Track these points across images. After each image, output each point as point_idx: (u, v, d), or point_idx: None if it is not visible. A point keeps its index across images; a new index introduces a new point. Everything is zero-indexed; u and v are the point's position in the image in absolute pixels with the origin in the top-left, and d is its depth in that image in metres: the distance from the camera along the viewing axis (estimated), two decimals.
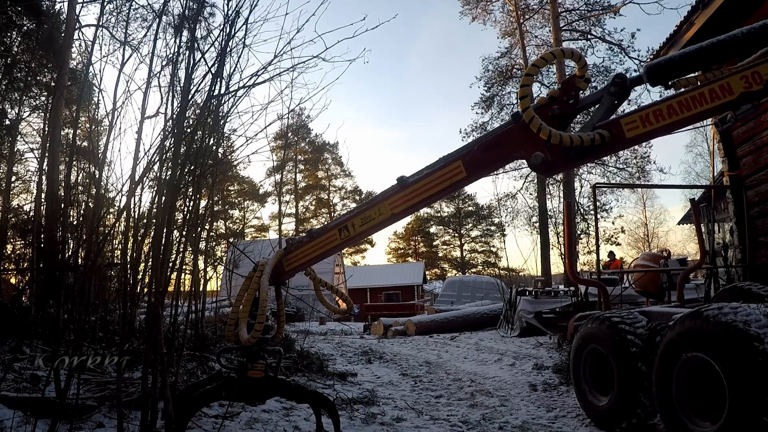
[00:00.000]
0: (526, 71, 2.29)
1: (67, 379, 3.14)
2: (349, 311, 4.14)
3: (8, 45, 9.21)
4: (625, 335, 3.96)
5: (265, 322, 2.56)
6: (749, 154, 7.14)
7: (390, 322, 16.15)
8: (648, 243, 42.51)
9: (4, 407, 3.36)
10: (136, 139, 3.55)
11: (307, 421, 4.31)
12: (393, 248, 60.01)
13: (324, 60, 3.85)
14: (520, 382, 6.54)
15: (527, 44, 25.63)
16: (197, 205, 3.99)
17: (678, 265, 8.30)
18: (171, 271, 3.65)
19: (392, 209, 2.50)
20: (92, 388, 3.99)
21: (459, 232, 57.27)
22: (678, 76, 2.09)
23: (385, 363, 8.79)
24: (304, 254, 2.76)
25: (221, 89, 3.73)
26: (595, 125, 2.11)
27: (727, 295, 5.26)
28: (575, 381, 4.57)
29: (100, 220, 4.03)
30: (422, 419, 4.77)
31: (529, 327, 11.75)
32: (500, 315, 14.01)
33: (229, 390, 2.64)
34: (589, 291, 9.39)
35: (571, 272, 6.10)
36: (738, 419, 2.79)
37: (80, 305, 3.89)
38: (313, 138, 48.77)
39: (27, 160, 12.94)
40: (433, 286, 42.84)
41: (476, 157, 2.33)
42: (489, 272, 45.45)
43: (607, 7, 23.67)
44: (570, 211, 7.01)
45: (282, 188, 47.50)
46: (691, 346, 3.16)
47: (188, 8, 3.78)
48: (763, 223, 6.93)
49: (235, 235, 41.58)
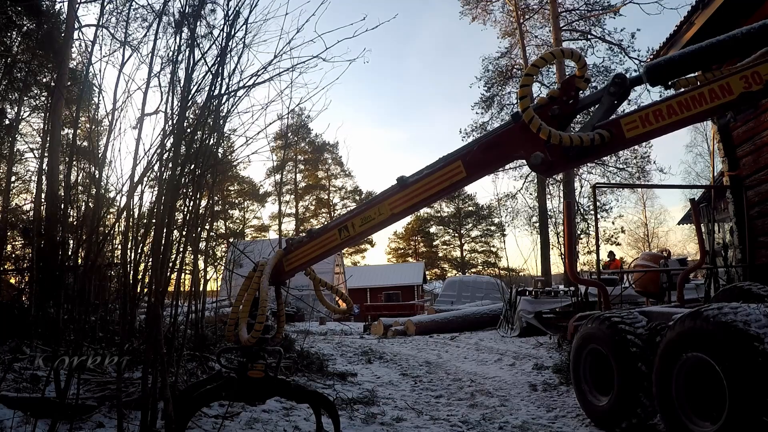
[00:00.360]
0: (526, 71, 2.29)
1: (67, 379, 3.14)
2: (349, 311, 4.14)
3: (8, 45, 9.21)
4: (625, 335, 3.96)
5: (265, 322, 2.56)
6: (749, 154, 7.14)
7: (390, 322, 16.15)
8: (648, 243, 42.51)
9: (4, 407, 3.36)
10: (136, 139, 3.55)
11: (307, 421, 4.31)
12: (393, 248, 60.05)
13: (324, 60, 3.85)
14: (520, 382, 6.54)
15: (527, 44, 25.65)
16: (197, 205, 3.99)
17: (678, 265, 8.29)
18: (171, 271, 3.65)
19: (392, 209, 2.50)
20: (92, 388, 3.99)
21: (459, 232, 57.28)
22: (678, 76, 2.09)
23: (385, 363, 8.79)
24: (304, 254, 2.76)
25: (221, 89, 3.74)
26: (595, 125, 2.11)
27: (727, 295, 5.26)
28: (575, 381, 4.57)
29: (100, 220, 4.03)
30: (422, 419, 4.77)
31: (529, 327, 11.75)
32: (500, 315, 14.01)
33: (229, 390, 2.64)
34: (589, 291, 9.39)
35: (571, 272, 6.10)
36: (738, 419, 2.79)
37: (80, 305, 3.89)
38: (313, 138, 48.85)
39: (27, 160, 12.92)
40: (433, 286, 42.83)
41: (476, 157, 2.33)
42: (489, 272, 45.44)
43: (607, 7, 23.69)
44: (570, 211, 7.01)
45: (282, 188, 47.50)
46: (691, 346, 3.16)
47: (189, 5, 3.78)
48: (763, 223, 6.93)
49: (235, 235, 41.58)
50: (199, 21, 3.90)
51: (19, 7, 8.88)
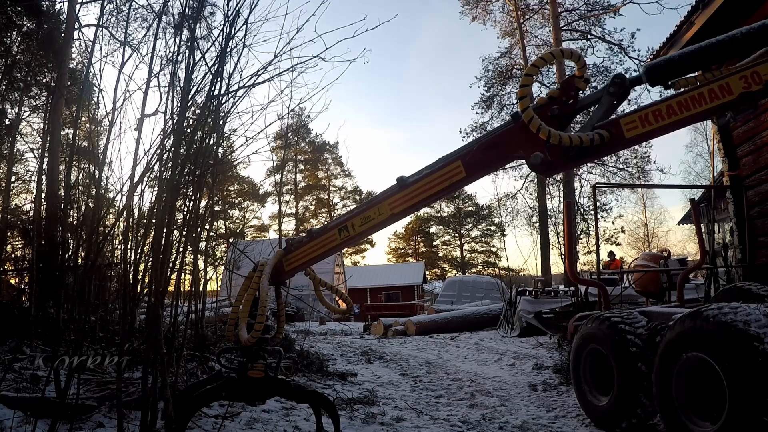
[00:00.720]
0: (526, 71, 2.29)
1: (67, 379, 3.14)
2: (349, 311, 4.14)
3: (8, 45, 9.21)
4: (625, 335, 3.96)
5: (265, 322, 2.56)
6: (749, 154, 7.14)
7: (390, 322, 16.15)
8: (648, 243, 42.50)
9: (4, 407, 3.36)
10: (136, 139, 3.55)
11: (307, 421, 4.31)
12: (393, 248, 60.05)
13: (324, 60, 3.85)
14: (520, 382, 6.54)
15: (527, 44, 25.65)
16: (197, 205, 3.99)
17: (678, 265, 8.29)
18: (171, 271, 3.65)
19: (392, 209, 2.50)
20: (92, 388, 3.99)
21: (459, 232, 57.27)
22: (677, 76, 2.09)
23: (385, 363, 8.79)
24: (304, 254, 2.76)
25: (221, 89, 3.74)
26: (595, 125, 2.11)
27: (727, 295, 5.26)
28: (575, 381, 4.57)
29: (100, 220, 4.03)
30: (422, 419, 4.77)
31: (529, 327, 11.75)
32: (500, 315, 14.01)
33: (229, 390, 2.64)
34: (589, 291, 9.39)
35: (571, 272, 6.10)
36: (738, 419, 2.79)
37: (80, 305, 3.89)
38: (313, 138, 48.84)
39: (27, 160, 12.94)
40: (433, 286, 42.83)
41: (476, 157, 2.33)
42: (489, 272, 45.44)
43: (607, 7, 23.68)
44: (570, 211, 7.01)
45: (282, 188, 47.52)
46: (691, 346, 3.16)
47: (188, 7, 3.78)
48: (763, 223, 6.93)
49: (235, 235, 41.58)
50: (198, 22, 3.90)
51: (19, 7, 8.88)
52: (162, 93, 3.73)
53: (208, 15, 4.19)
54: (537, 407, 5.15)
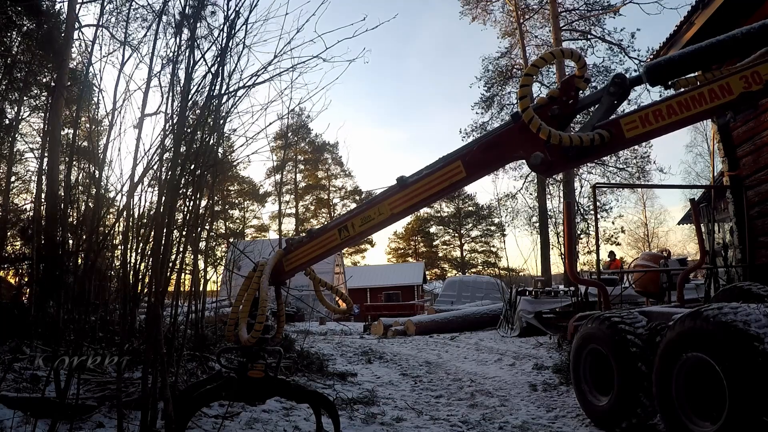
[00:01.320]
0: (526, 71, 2.29)
1: (67, 379, 3.14)
2: (349, 311, 4.14)
3: (8, 45, 9.21)
4: (625, 335, 3.96)
5: (265, 322, 2.56)
6: (749, 154, 7.14)
7: (390, 322, 16.15)
8: (648, 243, 42.50)
9: (4, 407, 3.36)
10: (136, 139, 3.55)
11: (307, 421, 4.31)
12: (393, 248, 60.04)
13: (324, 60, 3.85)
14: (520, 382, 6.54)
15: (527, 44, 25.66)
16: (197, 205, 3.99)
17: (678, 265, 8.30)
18: (171, 272, 3.65)
19: (392, 209, 2.50)
20: (92, 388, 3.99)
21: (459, 232, 57.26)
22: (677, 76, 2.09)
23: (385, 363, 8.79)
24: (304, 254, 2.76)
25: (221, 89, 3.73)
26: (595, 125, 2.11)
27: (727, 295, 5.26)
28: (575, 381, 4.56)
29: (100, 220, 4.03)
30: (422, 419, 4.77)
31: (529, 327, 11.75)
32: (500, 315, 14.01)
33: (229, 390, 2.64)
34: (589, 291, 9.39)
35: (571, 272, 6.10)
36: (738, 419, 2.79)
37: (80, 305, 3.89)
38: (313, 138, 48.82)
39: (27, 160, 12.93)
40: (433, 286, 42.82)
41: (476, 157, 2.33)
42: (489, 272, 45.44)
43: (607, 7, 23.69)
44: (570, 211, 7.01)
45: (282, 188, 47.56)
46: (691, 346, 3.16)
47: (189, 6, 3.78)
48: (763, 223, 6.93)
49: (235, 235, 41.57)
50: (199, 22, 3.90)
51: (19, 7, 8.88)
52: (162, 93, 3.74)
53: (208, 15, 4.19)
54: (537, 407, 5.15)
